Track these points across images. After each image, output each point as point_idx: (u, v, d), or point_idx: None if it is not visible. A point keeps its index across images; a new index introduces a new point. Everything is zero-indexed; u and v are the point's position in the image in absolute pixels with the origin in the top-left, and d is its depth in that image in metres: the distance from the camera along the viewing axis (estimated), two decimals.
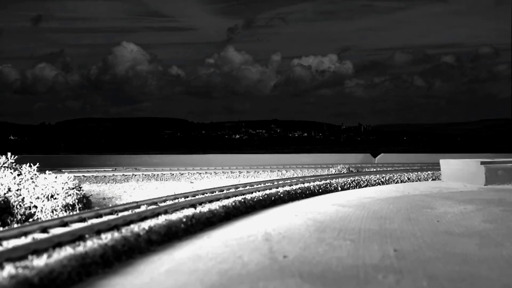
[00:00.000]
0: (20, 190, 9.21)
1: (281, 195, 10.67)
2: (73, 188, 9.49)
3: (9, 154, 11.13)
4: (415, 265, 5.28)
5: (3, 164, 10.89)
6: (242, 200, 9.24)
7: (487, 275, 4.99)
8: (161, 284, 4.71)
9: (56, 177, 9.61)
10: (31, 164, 10.25)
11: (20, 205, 8.89)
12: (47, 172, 9.97)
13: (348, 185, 13.78)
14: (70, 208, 9.17)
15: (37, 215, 8.88)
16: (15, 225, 7.28)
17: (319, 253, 5.85)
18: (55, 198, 9.19)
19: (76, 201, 9.37)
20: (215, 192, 10.53)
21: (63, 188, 9.34)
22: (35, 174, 9.91)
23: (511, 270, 5.18)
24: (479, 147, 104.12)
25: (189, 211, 7.81)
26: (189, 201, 8.94)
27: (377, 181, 15.06)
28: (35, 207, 9.01)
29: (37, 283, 4.31)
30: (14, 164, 10.99)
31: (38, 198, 9.09)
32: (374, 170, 20.35)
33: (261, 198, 9.90)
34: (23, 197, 9.06)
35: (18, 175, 9.84)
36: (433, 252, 5.89)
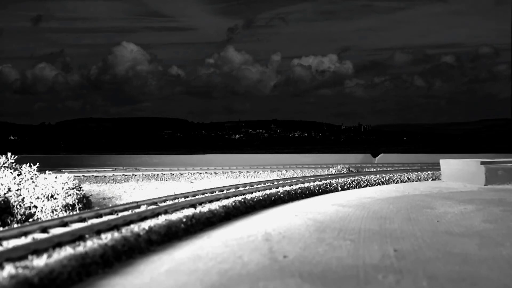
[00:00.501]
0: (20, 190, 9.21)
1: (281, 195, 10.67)
2: (73, 188, 9.49)
3: (9, 154, 11.13)
4: (415, 265, 5.28)
5: (3, 164, 10.89)
6: (242, 200, 9.24)
7: (487, 275, 4.99)
8: (161, 284, 4.71)
9: (56, 177, 9.61)
10: (31, 164, 10.25)
11: (20, 205, 8.89)
12: (47, 172, 9.97)
13: (348, 185, 13.78)
14: (70, 208, 9.17)
15: (37, 215, 8.88)
16: (15, 225, 7.29)
17: (319, 253, 5.85)
18: (55, 198, 9.19)
19: (76, 201, 9.37)
20: (215, 192, 10.53)
21: (63, 188, 9.34)
22: (35, 174, 9.91)
23: (511, 270, 5.19)
24: (479, 147, 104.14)
25: (189, 211, 7.80)
26: (189, 201, 8.94)
27: (377, 181, 15.06)
28: (35, 207, 9.01)
29: (37, 283, 4.31)
30: (14, 164, 10.99)
31: (38, 198, 9.09)
32: (374, 170, 20.36)
33: (261, 198, 9.90)
34: (23, 197, 9.06)
35: (18, 175, 9.84)
36: (433, 252, 5.89)
